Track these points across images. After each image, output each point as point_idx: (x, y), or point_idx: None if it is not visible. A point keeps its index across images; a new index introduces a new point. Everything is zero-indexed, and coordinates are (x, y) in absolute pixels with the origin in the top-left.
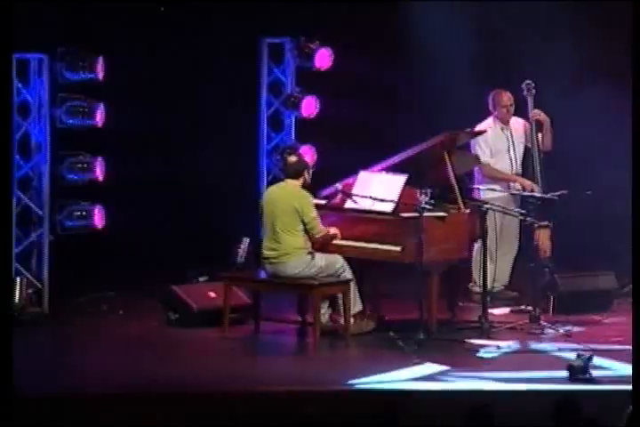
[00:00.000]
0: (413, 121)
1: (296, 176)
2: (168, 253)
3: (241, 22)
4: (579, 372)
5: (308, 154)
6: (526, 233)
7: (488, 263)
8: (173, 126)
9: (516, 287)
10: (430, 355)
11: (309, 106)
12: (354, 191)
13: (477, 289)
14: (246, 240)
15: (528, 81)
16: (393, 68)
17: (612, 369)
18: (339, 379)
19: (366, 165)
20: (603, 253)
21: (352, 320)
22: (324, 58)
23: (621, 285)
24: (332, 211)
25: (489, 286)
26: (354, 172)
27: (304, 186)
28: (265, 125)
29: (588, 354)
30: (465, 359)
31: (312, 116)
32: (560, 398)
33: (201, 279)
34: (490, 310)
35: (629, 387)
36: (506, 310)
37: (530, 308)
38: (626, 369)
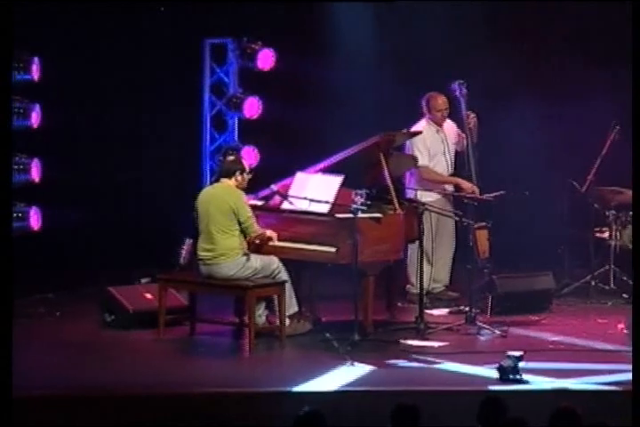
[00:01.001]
0: (356, 122)
1: (228, 175)
2: (110, 254)
3: (183, 23)
4: (509, 372)
5: (251, 155)
6: (464, 234)
7: (425, 264)
8: (114, 127)
9: (456, 288)
10: (363, 356)
11: (252, 107)
12: (290, 192)
13: (415, 290)
14: (189, 241)
15: (460, 81)
16: (335, 68)
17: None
18: (273, 380)
19: (309, 165)
20: (542, 254)
21: (288, 321)
22: (266, 58)
23: (561, 285)
24: (268, 212)
25: (427, 286)
26: (295, 172)
27: (240, 188)
28: (208, 126)
29: (517, 354)
30: (398, 360)
31: (255, 117)
32: (485, 398)
33: (143, 281)
34: (429, 311)
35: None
36: (444, 310)
37: (462, 308)
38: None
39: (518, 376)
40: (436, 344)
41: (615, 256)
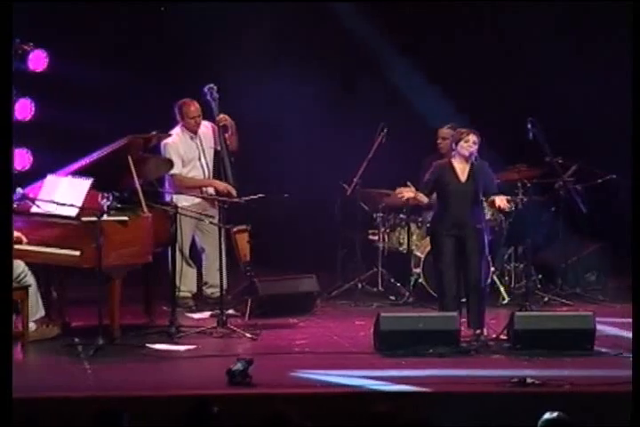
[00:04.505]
0: (131, 124)
1: None
2: None
3: None
4: (238, 376)
5: (24, 157)
6: (226, 237)
7: (186, 267)
8: None
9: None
10: (105, 361)
11: (24, 108)
12: (40, 195)
13: (181, 294)
14: None
15: (210, 85)
16: (109, 70)
17: None
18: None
19: None
20: (317, 256)
21: (34, 326)
22: (38, 60)
23: (333, 287)
24: (17, 215)
25: (194, 289)
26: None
27: None
28: None
29: (248, 358)
30: (140, 364)
31: (27, 119)
32: (194, 402)
33: None
34: (190, 315)
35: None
36: (207, 314)
37: (231, 311)
38: None
39: (247, 380)
40: (182, 348)
41: (383, 258)
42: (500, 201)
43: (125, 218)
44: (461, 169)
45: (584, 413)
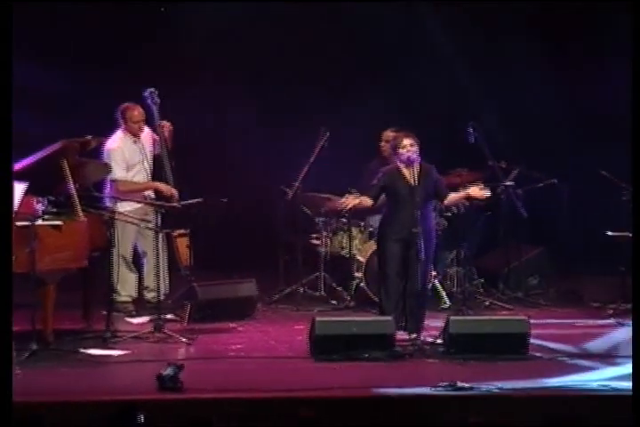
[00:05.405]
0: (66, 128)
1: None
2: None
3: None
4: (169, 381)
5: None
6: (167, 242)
7: (128, 273)
8: None
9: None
10: (37, 365)
11: None
12: None
13: (120, 298)
14: None
15: (151, 89)
16: (46, 71)
17: None
18: None
19: None
20: (262, 260)
21: None
22: None
23: (275, 291)
24: None
25: (134, 294)
26: None
27: None
28: None
29: (179, 363)
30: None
31: None
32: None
33: None
34: (130, 320)
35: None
36: (146, 318)
37: (170, 316)
38: None
39: (178, 385)
40: (115, 353)
41: (325, 263)
42: (474, 191)
43: (60, 222)
44: (409, 173)
45: (515, 416)
